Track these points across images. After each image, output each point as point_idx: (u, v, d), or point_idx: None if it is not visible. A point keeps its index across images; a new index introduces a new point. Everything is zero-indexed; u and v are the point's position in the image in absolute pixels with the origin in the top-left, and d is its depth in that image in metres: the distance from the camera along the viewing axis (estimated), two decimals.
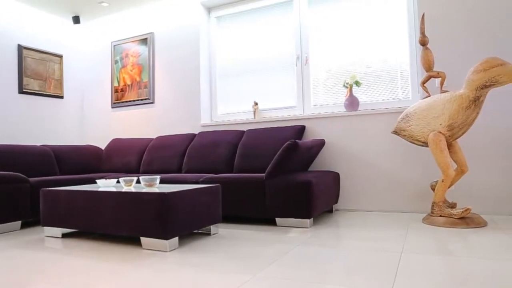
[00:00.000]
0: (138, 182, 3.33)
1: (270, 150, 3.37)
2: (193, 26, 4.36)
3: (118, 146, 4.38)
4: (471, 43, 3.08)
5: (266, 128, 3.63)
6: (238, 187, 2.92)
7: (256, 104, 3.97)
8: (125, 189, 2.44)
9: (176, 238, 2.18)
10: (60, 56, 4.90)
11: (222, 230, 2.69)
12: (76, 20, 4.86)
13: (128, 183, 2.56)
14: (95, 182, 3.59)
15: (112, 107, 4.91)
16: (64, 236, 2.63)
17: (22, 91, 4.42)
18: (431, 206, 2.72)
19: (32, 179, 3.16)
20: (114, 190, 2.38)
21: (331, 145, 3.54)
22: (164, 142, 4.08)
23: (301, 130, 3.50)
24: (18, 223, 2.96)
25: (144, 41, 4.67)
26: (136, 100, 4.70)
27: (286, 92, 3.95)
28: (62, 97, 4.90)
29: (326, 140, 3.56)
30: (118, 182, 3.36)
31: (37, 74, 4.60)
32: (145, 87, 4.64)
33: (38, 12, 4.68)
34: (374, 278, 1.55)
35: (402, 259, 1.81)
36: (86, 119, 5.16)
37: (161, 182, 3.22)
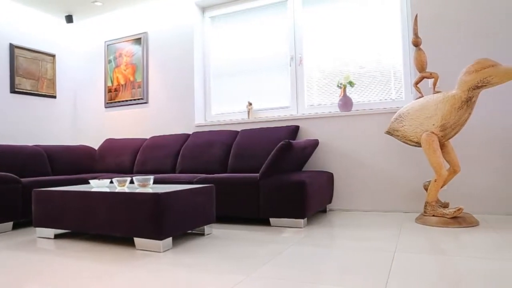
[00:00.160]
0: (131, 182, 3.31)
1: (264, 150, 3.37)
2: (187, 26, 4.35)
3: (111, 146, 4.36)
4: (464, 44, 3.10)
5: (260, 128, 3.63)
6: (232, 187, 2.91)
7: (250, 104, 3.97)
8: (118, 189, 2.42)
9: (169, 239, 2.17)
10: (52, 55, 4.86)
11: (216, 231, 2.69)
12: (69, 19, 4.82)
13: (121, 184, 2.55)
14: (88, 183, 3.57)
15: (105, 107, 4.88)
16: (56, 237, 2.61)
17: (14, 91, 4.38)
18: (424, 206, 2.74)
19: (24, 180, 3.13)
20: (107, 190, 2.36)
21: (325, 145, 3.55)
22: (158, 142, 4.07)
23: (295, 130, 3.51)
24: (10, 224, 2.94)
25: (138, 40, 4.65)
26: (129, 100, 4.68)
27: (280, 92, 3.95)
28: (55, 96, 4.86)
29: (320, 140, 3.57)
30: (111, 182, 3.35)
31: (29, 74, 4.57)
32: (138, 87, 4.62)
33: (30, 10, 4.64)
34: (367, 278, 1.56)
35: (395, 259, 1.83)
36: (79, 119, 5.12)
37: (155, 182, 3.21)
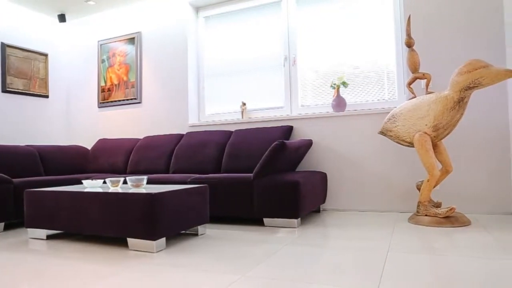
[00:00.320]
0: (125, 182, 3.30)
1: (258, 150, 3.38)
2: (181, 25, 4.34)
3: (104, 146, 4.34)
4: (456, 45, 3.13)
5: (254, 128, 3.64)
6: (226, 188, 2.91)
7: (244, 104, 3.97)
8: (111, 189, 2.41)
9: (163, 239, 2.17)
10: (45, 54, 4.82)
11: (209, 231, 2.68)
12: (61, 18, 4.79)
13: (114, 184, 2.54)
14: (81, 183, 3.55)
15: (98, 107, 4.86)
16: (49, 237, 2.59)
17: (5, 90, 4.33)
18: (417, 206, 2.76)
19: (15, 180, 3.10)
20: (100, 190, 2.35)
21: (319, 145, 3.56)
22: (151, 142, 4.05)
23: (288, 131, 3.51)
24: (1, 225, 2.91)
25: (131, 40, 4.63)
26: (123, 100, 4.65)
27: (274, 92, 3.96)
28: (47, 96, 4.83)
29: (313, 140, 3.58)
30: (104, 182, 3.33)
31: (21, 73, 4.52)
32: (132, 87, 4.60)
33: (22, 9, 4.60)
34: (361, 277, 1.56)
35: (388, 258, 1.84)
36: (72, 119, 5.09)
37: (148, 183, 3.19)
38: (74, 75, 5.10)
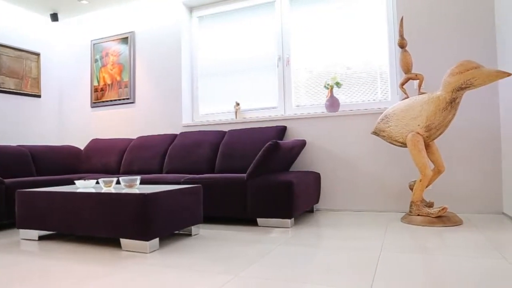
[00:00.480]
0: (118, 183, 3.28)
1: (252, 150, 3.38)
2: (174, 25, 4.33)
3: (97, 146, 4.31)
4: (448, 46, 3.16)
5: (247, 128, 3.64)
6: (220, 188, 2.91)
7: (237, 104, 3.97)
8: (104, 190, 2.40)
9: (156, 239, 2.16)
10: (37, 54, 4.78)
11: (203, 231, 2.68)
12: (54, 17, 4.75)
13: (107, 184, 2.53)
14: (74, 183, 3.52)
15: (91, 107, 4.83)
16: (41, 238, 2.57)
17: None
18: (410, 206, 2.78)
19: (7, 180, 3.07)
20: (93, 191, 2.34)
21: (312, 145, 3.57)
22: (145, 142, 4.03)
23: (282, 131, 3.52)
24: None
25: (124, 40, 4.61)
26: (116, 99, 4.63)
27: (267, 92, 3.96)
28: (39, 96, 4.79)
29: (307, 140, 3.59)
30: (97, 183, 3.31)
31: (13, 72, 4.48)
32: (125, 87, 4.58)
33: (14, 8, 4.56)
34: (354, 277, 1.57)
35: (381, 258, 1.85)
36: (64, 119, 5.05)
37: (141, 183, 3.18)
38: (66, 75, 5.07)
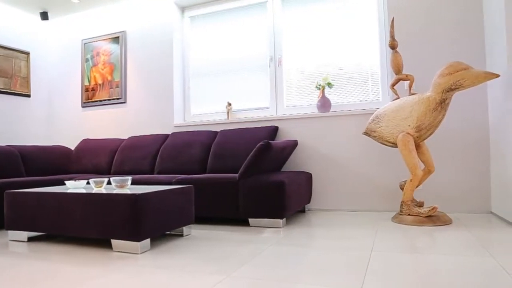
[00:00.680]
0: (109, 183, 3.26)
1: (243, 150, 3.38)
2: (166, 25, 4.31)
3: (88, 146, 4.27)
4: (439, 48, 3.19)
5: (239, 128, 3.64)
6: (211, 188, 2.90)
7: (229, 104, 3.97)
8: (95, 190, 2.38)
9: (147, 240, 2.15)
10: (27, 53, 4.73)
11: (195, 231, 2.67)
12: (44, 16, 4.70)
13: (98, 185, 2.51)
14: (64, 184, 3.49)
15: (82, 107, 4.78)
16: (30, 240, 2.54)
17: None
18: (400, 205, 2.81)
19: None
20: (83, 191, 2.32)
21: (304, 145, 3.58)
22: (136, 143, 4.01)
23: (274, 131, 3.53)
24: None
25: (116, 39, 4.58)
26: (107, 99, 4.60)
27: (259, 93, 3.96)
28: (29, 95, 4.73)
29: (298, 140, 3.60)
30: (88, 183, 3.28)
31: (1, 71, 4.42)
32: (116, 87, 4.55)
33: (3, 6, 4.50)
34: (345, 276, 1.58)
35: (372, 257, 1.86)
36: (55, 119, 5.00)
37: (133, 183, 3.16)
38: (57, 74, 5.02)
